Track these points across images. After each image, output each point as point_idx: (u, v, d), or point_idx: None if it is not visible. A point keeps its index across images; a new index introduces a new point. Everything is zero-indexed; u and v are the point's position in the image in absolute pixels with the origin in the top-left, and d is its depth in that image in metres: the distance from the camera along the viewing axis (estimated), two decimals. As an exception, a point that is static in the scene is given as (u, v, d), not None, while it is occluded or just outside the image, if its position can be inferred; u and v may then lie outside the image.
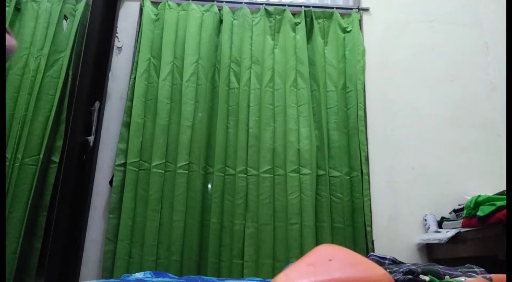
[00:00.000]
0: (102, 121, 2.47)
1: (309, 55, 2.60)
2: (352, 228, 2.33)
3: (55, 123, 2.31)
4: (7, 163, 2.19)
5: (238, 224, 2.26)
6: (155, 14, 2.63)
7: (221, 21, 2.65)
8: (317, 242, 2.29)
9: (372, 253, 2.16)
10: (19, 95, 2.33)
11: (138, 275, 1.79)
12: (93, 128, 2.37)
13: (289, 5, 2.73)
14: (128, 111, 2.42)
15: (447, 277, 1.22)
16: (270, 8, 2.70)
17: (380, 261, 1.85)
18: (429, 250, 2.34)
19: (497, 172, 2.51)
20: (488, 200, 1.93)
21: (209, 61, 2.54)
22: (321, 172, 2.39)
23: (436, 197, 2.45)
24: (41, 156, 2.22)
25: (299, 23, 2.67)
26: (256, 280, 1.83)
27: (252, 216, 2.27)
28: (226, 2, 2.67)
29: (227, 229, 2.27)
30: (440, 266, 1.32)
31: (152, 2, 2.65)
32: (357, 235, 2.31)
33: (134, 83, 2.45)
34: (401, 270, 1.22)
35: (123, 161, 2.34)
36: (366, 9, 2.80)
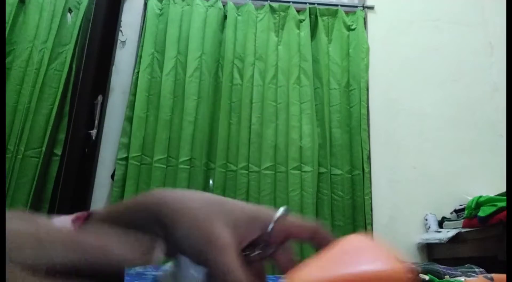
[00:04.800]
0: (104, 115, 2.47)
1: (313, 52, 2.60)
2: (352, 226, 2.33)
3: (58, 116, 2.31)
4: (9, 155, 2.20)
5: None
6: (159, 9, 2.62)
7: (225, 17, 2.64)
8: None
9: (372, 252, 2.16)
10: (22, 88, 2.33)
11: (139, 268, 1.79)
12: (96, 122, 2.37)
13: (293, 2, 2.72)
14: (131, 105, 2.42)
15: (447, 277, 1.23)
16: (274, 4, 2.69)
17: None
18: (429, 249, 2.34)
19: (499, 173, 2.51)
20: (489, 201, 1.93)
21: (213, 57, 2.53)
22: (322, 170, 2.40)
23: (437, 196, 2.45)
24: (44, 148, 2.22)
25: (304, 20, 2.67)
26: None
27: (252, 212, 2.27)
28: (231, -2, 2.67)
29: (227, 225, 2.27)
30: (440, 266, 1.32)
31: (157, -3, 2.65)
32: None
33: (137, 77, 2.45)
34: (401, 268, 1.22)
35: (125, 155, 2.34)
36: (371, 7, 2.79)
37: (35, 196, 2.16)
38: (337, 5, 2.74)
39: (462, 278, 1.19)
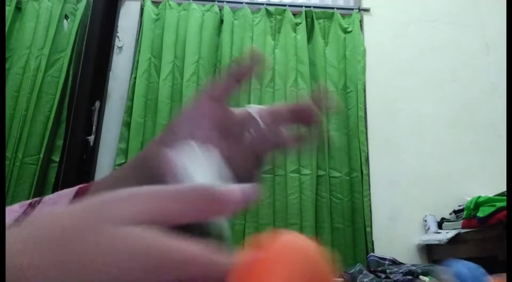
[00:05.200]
0: (102, 121, 2.47)
1: (310, 55, 2.61)
2: (352, 228, 2.33)
3: (55, 122, 2.31)
4: (7, 162, 2.20)
5: (238, 224, 2.26)
6: (155, 14, 2.63)
7: (221, 21, 2.65)
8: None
9: (372, 254, 2.16)
10: (19, 95, 2.33)
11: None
12: (94, 127, 2.37)
13: (289, 5, 2.73)
14: (129, 111, 2.42)
15: (446, 278, 1.22)
16: (270, 8, 2.70)
17: (380, 261, 1.86)
18: (429, 250, 2.34)
19: (498, 173, 2.51)
20: (488, 201, 1.93)
21: (210, 61, 2.54)
22: (321, 172, 2.39)
23: (437, 197, 2.45)
24: (41, 155, 2.22)
25: (300, 23, 2.67)
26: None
27: (252, 216, 2.27)
28: (227, 2, 2.67)
29: (227, 229, 2.27)
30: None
31: (153, 2, 2.65)
32: (357, 236, 2.31)
33: (134, 83, 2.45)
34: (401, 270, 1.22)
35: (123, 161, 2.34)
36: (367, 10, 2.80)
37: (34, 203, 2.15)
38: (333, 8, 2.75)
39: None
